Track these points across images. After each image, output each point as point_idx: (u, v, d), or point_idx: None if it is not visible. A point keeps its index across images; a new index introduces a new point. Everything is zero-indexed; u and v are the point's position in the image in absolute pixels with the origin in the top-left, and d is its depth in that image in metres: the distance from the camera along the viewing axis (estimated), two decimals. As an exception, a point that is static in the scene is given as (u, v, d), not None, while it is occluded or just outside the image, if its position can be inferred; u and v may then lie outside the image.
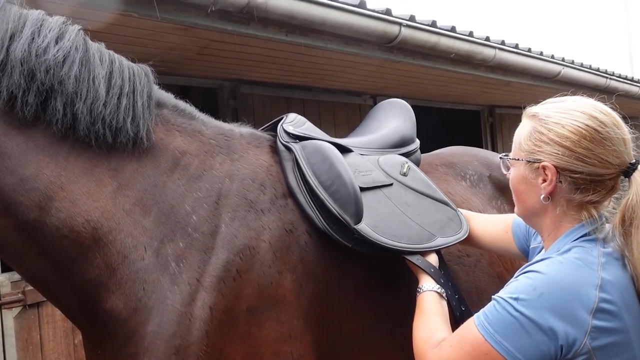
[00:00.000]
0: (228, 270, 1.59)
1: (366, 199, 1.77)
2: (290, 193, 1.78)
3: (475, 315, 1.29)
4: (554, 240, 1.34)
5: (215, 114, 1.92)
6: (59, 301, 1.62)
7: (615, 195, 1.32)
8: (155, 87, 1.72)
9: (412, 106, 2.37)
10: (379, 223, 1.74)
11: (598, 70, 7.12)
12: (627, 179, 1.28)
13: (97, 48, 1.60)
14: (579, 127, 1.25)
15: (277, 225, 1.70)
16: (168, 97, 1.78)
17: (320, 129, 2.03)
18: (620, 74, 7.70)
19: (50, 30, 1.50)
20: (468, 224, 1.90)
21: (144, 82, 1.65)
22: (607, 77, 7.22)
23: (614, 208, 1.33)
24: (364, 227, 1.70)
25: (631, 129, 1.32)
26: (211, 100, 5.03)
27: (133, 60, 1.69)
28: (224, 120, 1.95)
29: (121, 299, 1.52)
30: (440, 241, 1.79)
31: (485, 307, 1.28)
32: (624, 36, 17.49)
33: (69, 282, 1.53)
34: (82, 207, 1.50)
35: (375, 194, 1.83)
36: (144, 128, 1.61)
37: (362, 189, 1.78)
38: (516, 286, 1.24)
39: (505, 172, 1.45)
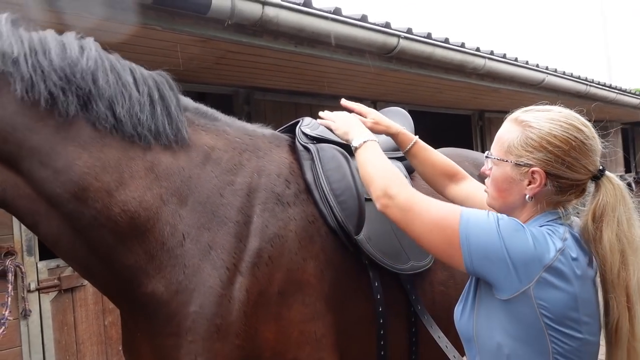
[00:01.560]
0: (261, 256, 1.59)
1: (367, 209, 1.80)
2: (308, 188, 1.79)
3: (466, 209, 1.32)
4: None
5: (231, 118, 1.92)
6: (102, 286, 1.61)
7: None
8: (183, 98, 1.70)
9: (409, 111, 2.36)
10: (372, 236, 1.78)
11: (579, 77, 7.07)
12: (593, 182, 1.32)
13: (115, 58, 1.57)
14: (569, 138, 1.27)
15: (301, 216, 1.71)
16: (188, 101, 1.77)
17: (326, 132, 2.03)
18: (599, 81, 7.65)
19: (72, 43, 1.48)
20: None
21: (167, 87, 1.63)
22: (587, 84, 7.18)
23: (579, 205, 1.37)
24: (362, 239, 1.75)
25: (601, 139, 1.36)
26: (227, 105, 5.02)
27: (148, 69, 1.66)
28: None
29: (162, 283, 1.50)
30: (411, 266, 1.84)
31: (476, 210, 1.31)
32: (602, 46, 17.37)
33: (110, 269, 1.52)
34: (118, 197, 1.46)
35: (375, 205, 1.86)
36: (183, 128, 1.60)
37: (366, 199, 1.80)
38: (502, 216, 1.28)
39: (486, 168, 1.44)
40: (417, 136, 1.81)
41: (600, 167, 1.31)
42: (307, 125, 1.95)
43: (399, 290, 1.85)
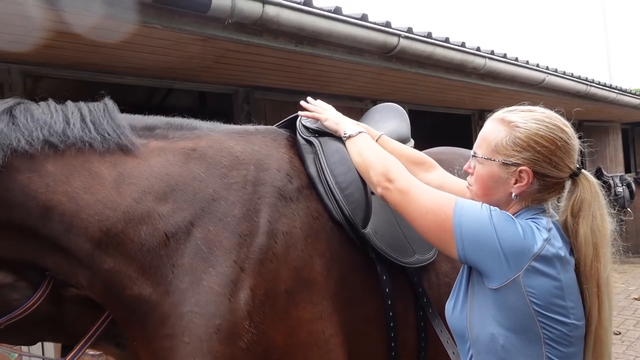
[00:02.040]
0: (265, 253, 1.52)
1: (373, 203, 1.77)
2: (311, 183, 1.75)
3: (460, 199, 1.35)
4: None
5: (231, 118, 1.91)
6: (95, 294, 1.56)
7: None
8: (120, 114, 1.62)
9: (409, 110, 2.37)
10: (379, 230, 1.75)
11: (579, 77, 7.05)
12: (570, 180, 1.37)
13: (44, 104, 1.53)
14: (555, 138, 1.31)
15: (305, 212, 1.66)
16: (156, 119, 1.69)
17: (325, 131, 2.01)
18: (599, 81, 7.63)
19: None
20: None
21: (102, 108, 1.57)
22: (587, 84, 7.16)
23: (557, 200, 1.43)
24: (369, 232, 1.71)
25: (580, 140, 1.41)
26: (227, 104, 5.03)
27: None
28: (238, 124, 1.93)
29: (148, 284, 1.45)
30: (416, 259, 1.82)
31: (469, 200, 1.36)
32: (602, 46, 17.37)
33: (97, 276, 1.47)
34: (81, 203, 1.42)
35: (379, 199, 1.83)
36: (124, 138, 1.53)
37: (372, 192, 1.77)
38: (494, 208, 1.32)
39: (469, 166, 1.44)
40: (382, 133, 1.87)
41: (578, 166, 1.36)
42: (307, 119, 1.92)
43: (405, 284, 1.82)
